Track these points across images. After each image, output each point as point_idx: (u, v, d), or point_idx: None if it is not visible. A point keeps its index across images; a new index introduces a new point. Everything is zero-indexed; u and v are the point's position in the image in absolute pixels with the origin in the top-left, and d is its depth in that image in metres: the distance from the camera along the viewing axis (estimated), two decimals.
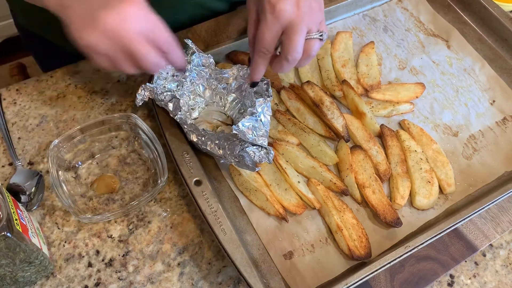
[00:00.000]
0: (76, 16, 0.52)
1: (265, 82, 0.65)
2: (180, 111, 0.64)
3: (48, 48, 0.87)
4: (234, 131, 0.59)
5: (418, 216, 0.65)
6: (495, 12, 0.82)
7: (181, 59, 0.58)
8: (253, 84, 0.65)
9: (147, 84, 0.65)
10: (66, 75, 0.75)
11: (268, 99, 0.63)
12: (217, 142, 0.63)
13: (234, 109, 0.69)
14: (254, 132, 0.61)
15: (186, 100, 0.67)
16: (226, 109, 0.70)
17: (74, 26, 0.52)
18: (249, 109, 0.63)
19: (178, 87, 0.67)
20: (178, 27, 0.79)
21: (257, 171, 0.65)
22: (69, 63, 0.76)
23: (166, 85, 0.66)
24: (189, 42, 0.68)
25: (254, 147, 0.60)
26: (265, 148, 0.60)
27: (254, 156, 0.60)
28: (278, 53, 0.60)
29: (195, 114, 0.68)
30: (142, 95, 0.64)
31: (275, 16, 0.56)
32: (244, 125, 0.60)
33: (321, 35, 0.59)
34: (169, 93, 0.65)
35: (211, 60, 0.69)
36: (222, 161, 0.65)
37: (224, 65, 0.74)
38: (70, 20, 0.52)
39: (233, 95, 0.69)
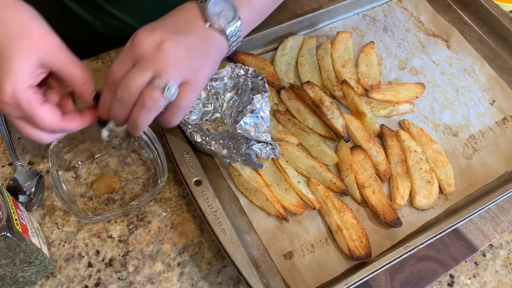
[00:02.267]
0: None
1: (260, 77, 0.65)
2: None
3: None
4: (238, 130, 0.59)
5: (418, 216, 0.65)
6: (495, 12, 0.82)
7: (74, 129, 0.53)
8: (100, 122, 0.55)
9: None
10: None
11: (265, 94, 0.63)
12: (221, 141, 0.63)
13: (232, 107, 0.69)
14: (257, 129, 0.61)
15: None
16: (223, 108, 0.70)
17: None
18: (248, 106, 0.63)
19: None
20: None
21: (257, 171, 0.65)
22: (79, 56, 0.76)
23: None
24: None
25: (260, 144, 0.60)
26: (271, 144, 0.61)
27: (261, 153, 0.60)
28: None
29: (193, 117, 0.68)
30: None
31: (130, 46, 0.49)
32: (246, 123, 0.60)
33: (164, 87, 0.48)
34: None
35: None
36: (228, 160, 0.65)
37: (235, 54, 0.74)
38: None
39: (229, 94, 0.69)
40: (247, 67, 0.66)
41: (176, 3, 0.76)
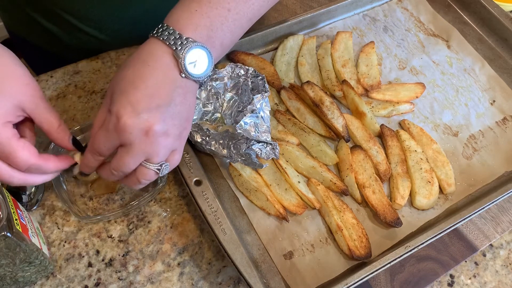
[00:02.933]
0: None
1: (260, 77, 0.65)
2: None
3: (36, 51, 0.87)
4: (238, 130, 0.59)
5: (418, 216, 0.65)
6: (495, 12, 0.82)
7: (52, 169, 0.53)
8: (82, 174, 0.57)
9: None
10: (66, 75, 0.75)
11: (265, 94, 0.63)
12: (221, 141, 0.63)
13: (232, 107, 0.69)
14: (257, 129, 0.61)
15: None
16: (223, 108, 0.70)
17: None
18: (248, 106, 0.63)
19: None
20: None
21: (257, 171, 0.65)
22: (54, 63, 0.76)
23: None
24: None
25: (260, 144, 0.60)
26: (271, 144, 0.61)
27: (261, 154, 0.60)
28: None
29: (193, 117, 0.68)
30: None
31: (117, 130, 0.48)
32: (246, 123, 0.60)
33: (158, 169, 0.51)
34: None
35: None
36: (228, 160, 0.65)
37: (235, 54, 0.74)
38: None
39: (230, 94, 0.69)
40: (247, 67, 0.66)
41: (145, 18, 0.76)
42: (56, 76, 0.75)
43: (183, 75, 0.50)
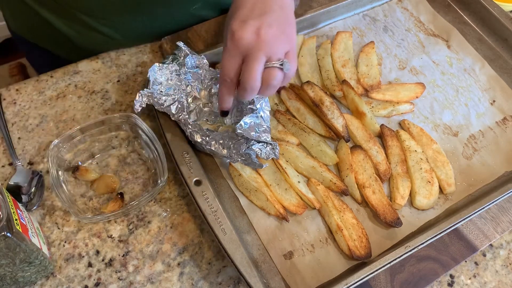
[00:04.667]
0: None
1: None
2: (182, 113, 0.64)
3: (39, 52, 0.87)
4: (238, 131, 0.59)
5: (418, 216, 0.65)
6: (495, 12, 0.82)
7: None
8: (223, 113, 0.63)
9: (144, 89, 0.65)
10: (66, 75, 0.75)
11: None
12: (221, 142, 0.63)
13: (232, 107, 0.69)
14: (257, 129, 0.61)
15: (184, 103, 0.67)
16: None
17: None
18: (248, 106, 0.63)
19: (175, 91, 0.67)
20: (167, 33, 0.79)
21: (257, 171, 0.65)
22: (58, 64, 0.76)
23: (162, 90, 0.66)
24: (181, 44, 0.68)
25: (260, 144, 0.61)
26: (271, 144, 0.61)
27: (261, 154, 0.60)
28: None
29: (193, 117, 0.68)
30: (140, 101, 0.64)
31: (234, 43, 0.55)
32: (246, 123, 0.60)
33: (281, 64, 0.56)
34: (168, 97, 0.65)
35: (205, 61, 0.69)
36: (228, 160, 0.65)
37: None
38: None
39: None
40: None
41: (161, 15, 0.76)
42: (56, 76, 0.75)
43: None
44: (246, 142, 0.61)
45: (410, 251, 0.58)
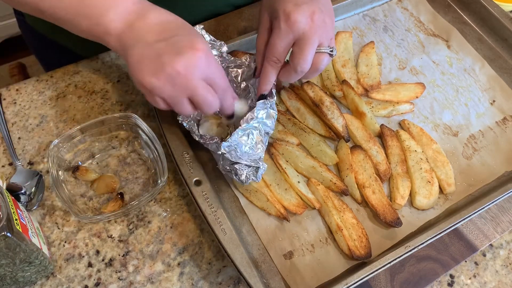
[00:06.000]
0: (140, 58, 0.52)
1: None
2: None
3: (51, 47, 0.87)
4: (222, 149, 0.59)
5: (418, 216, 0.65)
6: (495, 12, 0.82)
7: (231, 107, 0.60)
8: (262, 97, 0.62)
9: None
10: (66, 75, 0.75)
11: (271, 100, 0.62)
12: (213, 147, 0.62)
13: (247, 96, 0.68)
14: (240, 149, 0.60)
15: None
16: (239, 97, 0.69)
17: (138, 67, 0.52)
18: (249, 113, 0.61)
19: None
20: None
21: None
22: (72, 62, 0.76)
23: None
24: (199, 28, 0.66)
25: (243, 165, 0.60)
26: (255, 166, 0.60)
27: (241, 175, 0.60)
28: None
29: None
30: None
31: (289, 26, 0.56)
32: (235, 140, 0.59)
33: (331, 50, 0.59)
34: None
35: (225, 48, 0.68)
36: (217, 166, 0.65)
37: (236, 53, 0.74)
38: (133, 60, 0.52)
39: (245, 82, 0.68)
40: None
41: (181, 6, 0.76)
42: (56, 76, 0.75)
43: None
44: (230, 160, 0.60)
45: (410, 251, 0.58)
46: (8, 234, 0.47)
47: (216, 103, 0.55)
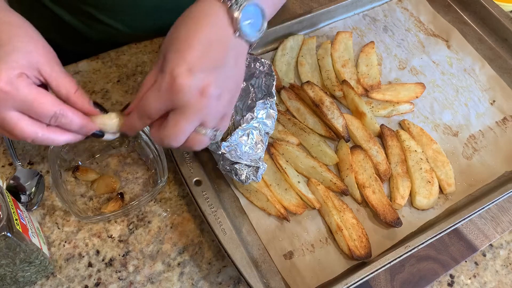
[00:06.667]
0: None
1: (272, 78, 0.64)
2: None
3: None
4: (222, 149, 0.58)
5: (418, 216, 0.65)
6: (495, 12, 0.82)
7: (85, 128, 0.50)
8: (96, 134, 0.53)
9: None
10: None
11: (270, 99, 0.62)
12: (214, 147, 0.62)
13: (246, 97, 0.68)
14: (240, 149, 0.60)
15: None
16: (238, 97, 0.69)
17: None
18: (248, 113, 0.61)
19: None
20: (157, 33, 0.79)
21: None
22: (69, 63, 0.76)
23: None
24: None
25: (243, 165, 0.60)
26: (255, 166, 0.60)
27: (241, 175, 0.60)
28: None
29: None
30: None
31: (172, 91, 0.46)
32: (235, 140, 0.59)
33: (214, 134, 0.50)
34: None
35: None
36: (217, 166, 0.65)
37: None
38: None
39: (245, 82, 0.68)
40: (264, 60, 0.66)
41: (166, 7, 0.76)
42: None
43: (237, 34, 0.48)
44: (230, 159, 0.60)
45: (410, 251, 0.58)
46: (8, 234, 0.47)
47: (35, 131, 0.47)
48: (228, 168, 0.61)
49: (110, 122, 0.52)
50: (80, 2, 0.74)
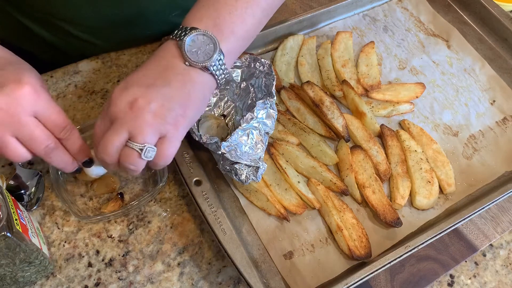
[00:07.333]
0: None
1: (272, 78, 0.64)
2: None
3: (31, 58, 0.87)
4: (222, 149, 0.59)
5: (418, 216, 0.65)
6: (495, 12, 0.82)
7: (78, 146, 0.53)
8: (86, 163, 0.56)
9: None
10: (66, 75, 0.75)
11: (270, 99, 0.62)
12: (214, 147, 0.62)
13: (246, 97, 0.68)
14: (240, 149, 0.60)
15: None
16: (238, 97, 0.69)
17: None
18: (248, 113, 0.61)
19: None
20: (149, 39, 0.79)
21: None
22: (43, 71, 0.76)
23: None
24: None
25: (243, 164, 0.60)
26: (255, 166, 0.60)
27: (241, 175, 0.60)
28: None
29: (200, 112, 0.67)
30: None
31: (108, 104, 0.49)
32: (235, 139, 0.59)
33: (141, 149, 0.48)
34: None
35: None
36: (217, 166, 0.65)
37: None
38: None
39: (245, 82, 0.68)
40: (264, 60, 0.66)
41: (139, 22, 0.75)
42: (56, 76, 0.75)
43: (187, 63, 0.52)
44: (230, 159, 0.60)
45: (410, 251, 0.58)
46: (8, 234, 0.47)
47: (47, 140, 0.49)
48: (228, 168, 0.61)
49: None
50: (51, 17, 0.73)
